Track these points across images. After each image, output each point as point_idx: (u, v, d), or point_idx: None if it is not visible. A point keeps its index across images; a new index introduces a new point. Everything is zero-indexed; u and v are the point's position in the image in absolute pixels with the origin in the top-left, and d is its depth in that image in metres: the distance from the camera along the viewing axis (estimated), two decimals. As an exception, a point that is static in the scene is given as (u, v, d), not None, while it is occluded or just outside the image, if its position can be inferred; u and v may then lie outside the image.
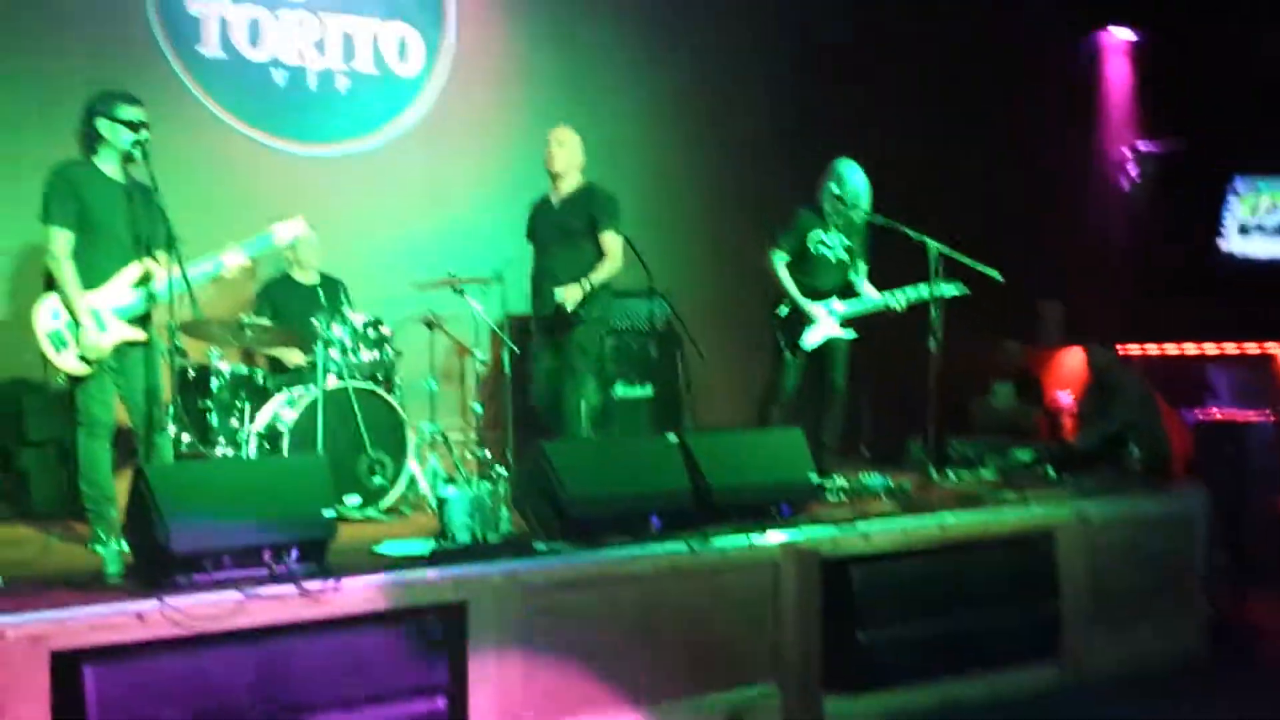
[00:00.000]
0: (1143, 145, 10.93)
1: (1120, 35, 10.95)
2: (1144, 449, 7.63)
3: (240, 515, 4.37)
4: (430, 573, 4.62)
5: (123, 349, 5.35)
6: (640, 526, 5.14)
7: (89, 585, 4.33)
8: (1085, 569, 6.13)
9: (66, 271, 5.20)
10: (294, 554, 4.44)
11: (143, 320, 5.38)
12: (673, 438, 5.42)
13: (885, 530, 5.63)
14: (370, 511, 6.23)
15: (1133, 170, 11.01)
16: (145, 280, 5.35)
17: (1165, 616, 6.42)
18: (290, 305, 6.93)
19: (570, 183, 6.77)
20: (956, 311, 6.88)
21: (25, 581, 4.45)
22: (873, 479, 6.71)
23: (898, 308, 7.02)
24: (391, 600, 4.50)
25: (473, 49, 8.26)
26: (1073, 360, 10.60)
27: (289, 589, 4.29)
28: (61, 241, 5.21)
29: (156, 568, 4.29)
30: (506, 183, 7.83)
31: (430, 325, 6.95)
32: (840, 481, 6.54)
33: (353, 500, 6.18)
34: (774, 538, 5.30)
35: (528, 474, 5.25)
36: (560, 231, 6.70)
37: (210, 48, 7.43)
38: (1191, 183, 10.61)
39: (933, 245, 6.65)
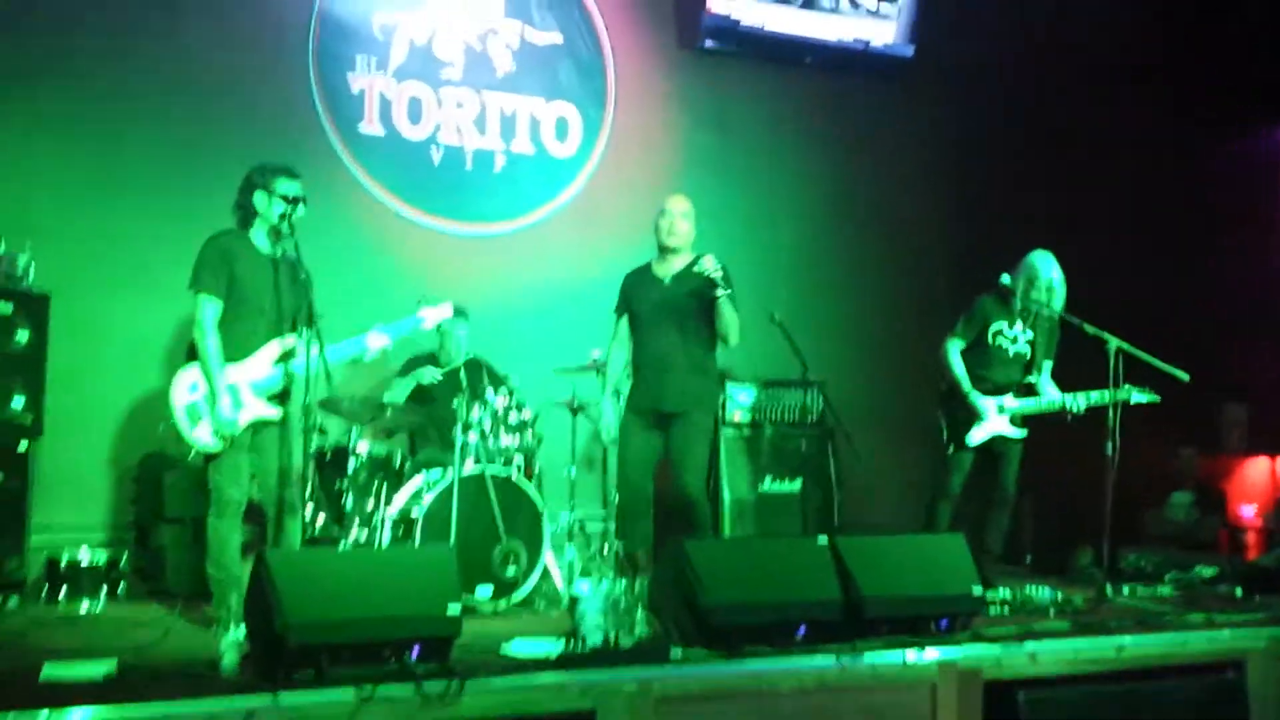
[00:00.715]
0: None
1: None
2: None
3: (362, 608, 4.14)
4: (558, 677, 4.32)
5: (258, 426, 5.22)
6: (785, 636, 4.78)
7: (202, 676, 4.14)
8: None
9: (210, 343, 5.10)
10: (415, 651, 4.19)
11: (280, 398, 5.25)
12: (823, 540, 5.04)
13: (1055, 651, 5.15)
14: (502, 604, 5.97)
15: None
16: (286, 357, 5.23)
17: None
18: (433, 386, 6.79)
19: (686, 258, 6.12)
20: (1131, 415, 6.43)
21: (140, 669, 4.28)
22: (1040, 591, 6.24)
23: (1076, 410, 6.58)
24: (516, 706, 4.22)
25: (630, 128, 8.11)
26: (1258, 471, 9.95)
27: (408, 690, 4.04)
28: (209, 311, 5.13)
29: (273, 660, 4.07)
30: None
31: (573, 410, 6.71)
32: (1004, 593, 6.08)
33: (485, 591, 5.93)
34: (931, 655, 4.87)
35: (666, 573, 4.93)
36: (672, 310, 6.03)
37: (370, 125, 7.40)
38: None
39: (1113, 341, 6.20)
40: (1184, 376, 6.23)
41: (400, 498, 6.19)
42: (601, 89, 8.02)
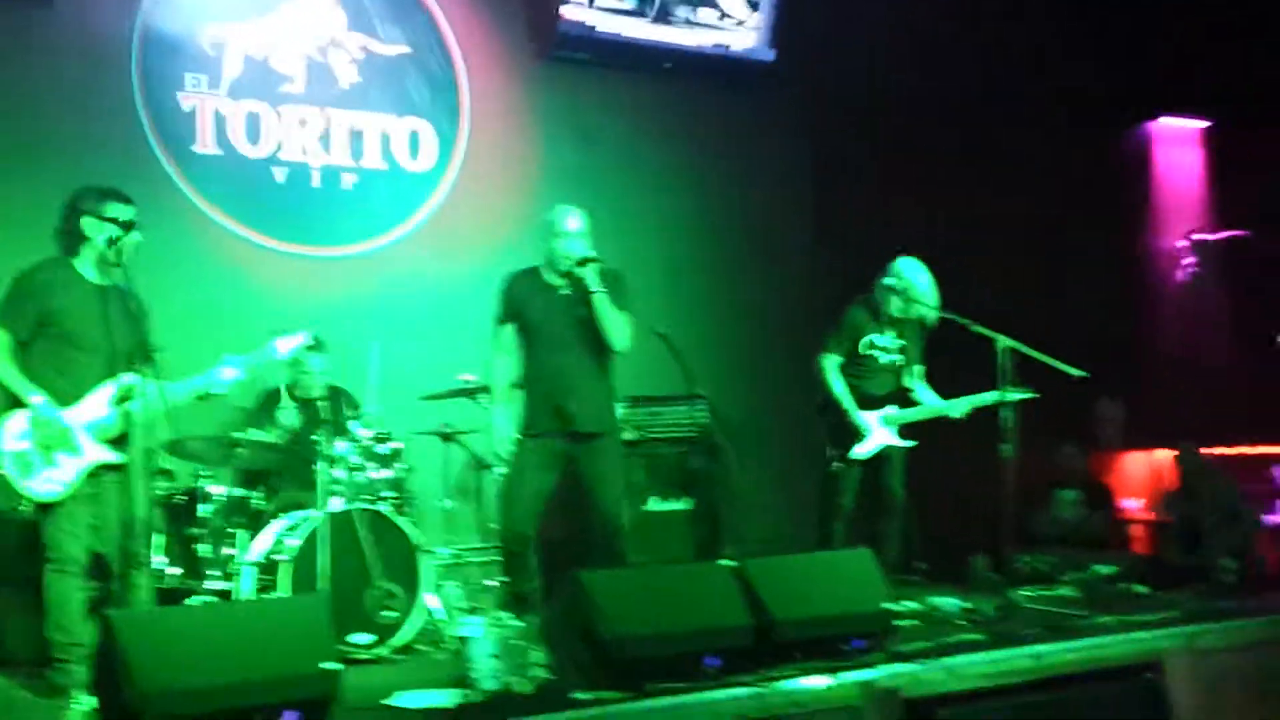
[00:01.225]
0: (1201, 236, 10.35)
1: (1177, 125, 10.43)
2: (1239, 561, 6.94)
3: (225, 672, 3.66)
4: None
5: (97, 473, 4.68)
6: (695, 669, 4.39)
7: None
8: (1200, 704, 5.35)
9: (4, 367, 4.61)
10: (290, 718, 3.72)
11: (119, 441, 4.72)
12: (727, 563, 4.70)
13: (973, 664, 4.87)
14: (382, 650, 5.48)
15: (1189, 262, 10.42)
16: (125, 397, 4.70)
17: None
18: (291, 420, 6.28)
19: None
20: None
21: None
22: (946, 601, 5.97)
23: (958, 416, 6.41)
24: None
25: (487, 142, 7.69)
26: (1137, 465, 9.94)
27: (282, 760, 3.59)
28: (3, 344, 4.64)
29: (125, 735, 3.58)
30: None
31: (445, 437, 6.26)
32: (911, 605, 5.79)
33: (362, 638, 5.44)
34: (849, 677, 4.55)
35: (561, 608, 4.53)
36: (574, 321, 5.46)
37: (205, 145, 6.85)
38: (1254, 273, 10.09)
39: (1002, 341, 5.99)
40: (1077, 373, 6.05)
41: (261, 543, 5.68)
42: (454, 102, 7.60)
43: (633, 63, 8.02)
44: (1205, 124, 10.58)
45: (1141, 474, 9.89)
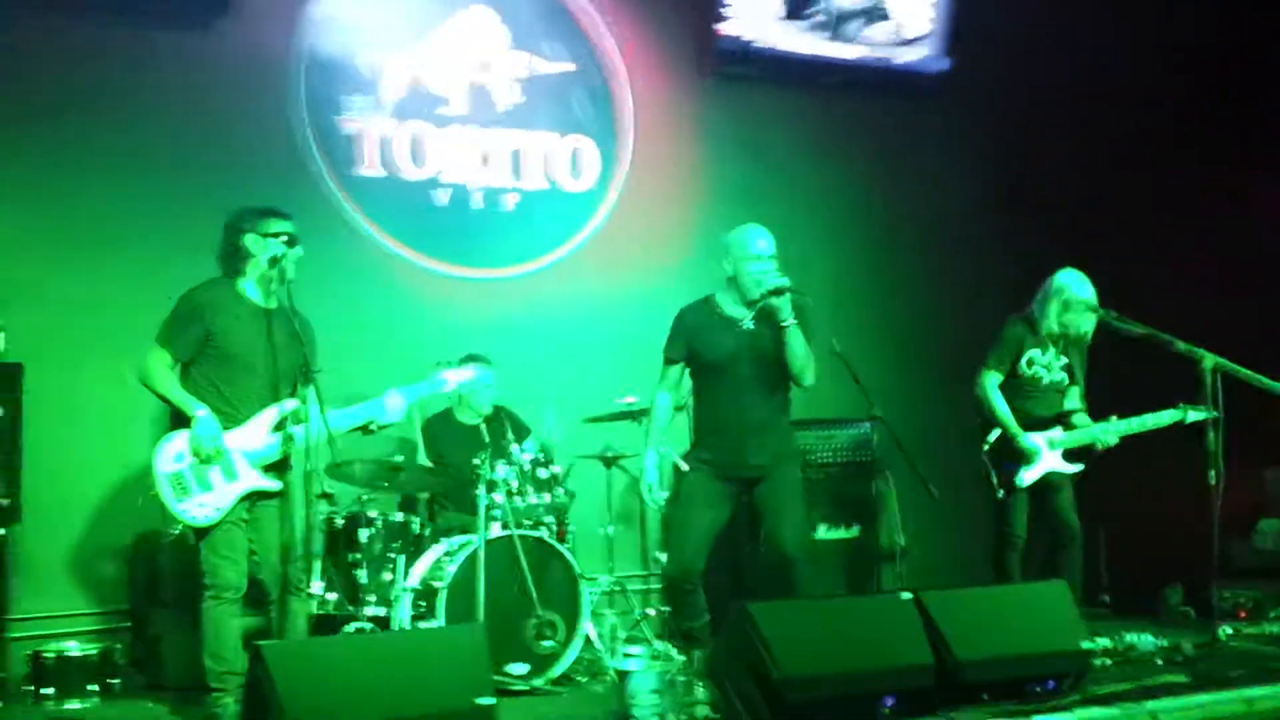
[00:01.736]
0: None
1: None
2: None
3: (378, 707, 3.46)
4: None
5: (255, 499, 4.58)
6: (871, 711, 4.08)
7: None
8: None
9: (167, 382, 4.56)
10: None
11: (279, 466, 4.60)
12: (907, 595, 4.35)
13: (1179, 710, 4.44)
14: (538, 681, 5.26)
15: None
16: (285, 423, 4.58)
17: None
18: (453, 446, 6.12)
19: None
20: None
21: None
22: (1141, 638, 5.52)
23: (1108, 443, 5.97)
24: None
25: (650, 159, 7.46)
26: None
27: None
28: (155, 361, 4.59)
29: (276, 769, 3.41)
30: (685, 301, 6.91)
31: (607, 462, 6.03)
32: (1104, 642, 5.35)
33: (519, 669, 5.23)
34: (1042, 722, 4.18)
35: (729, 642, 4.24)
36: (756, 359, 5.07)
37: (368, 168, 6.77)
38: None
39: (1209, 359, 5.54)
40: (1283, 390, 5.57)
41: (420, 568, 5.52)
42: (617, 118, 7.40)
43: (799, 77, 7.71)
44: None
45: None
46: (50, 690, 5.38)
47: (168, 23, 6.33)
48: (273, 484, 4.59)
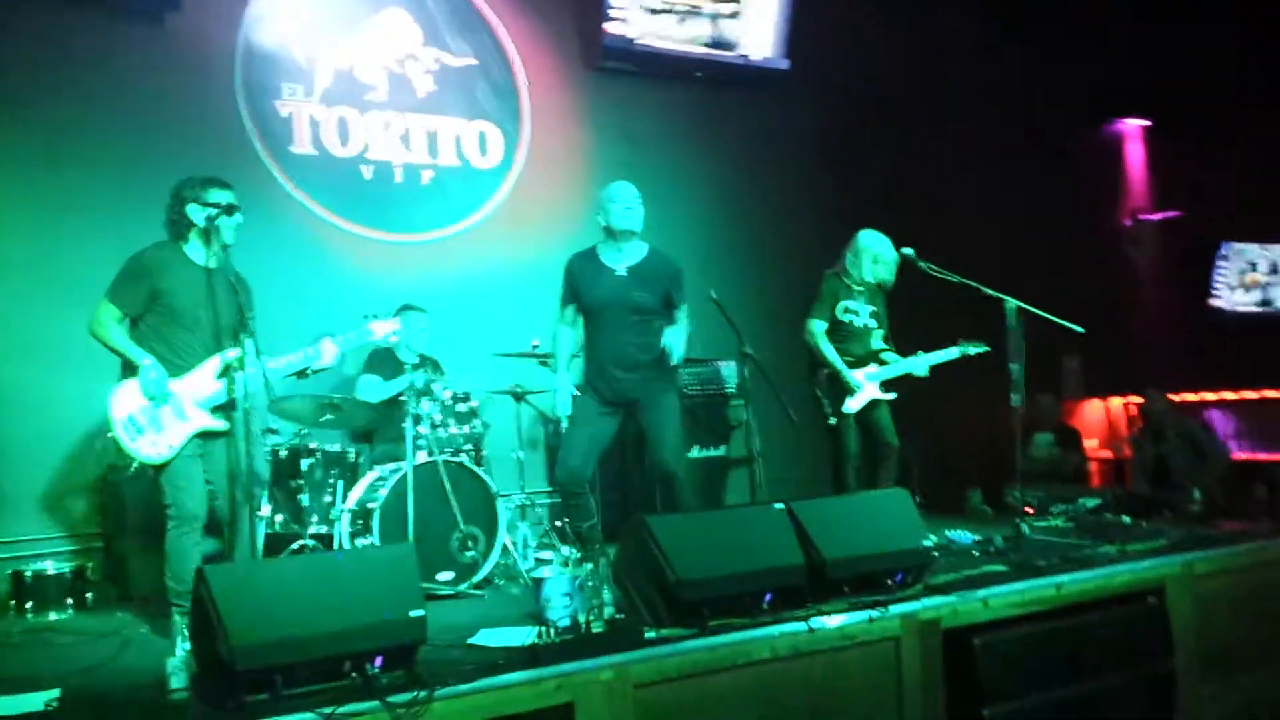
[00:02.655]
0: (1146, 216, 9.61)
1: (1128, 124, 9.74)
2: (1204, 493, 6.21)
3: (316, 622, 2.97)
4: (531, 674, 3.19)
5: (206, 437, 4.02)
6: (754, 607, 3.71)
7: (148, 704, 2.96)
8: (1195, 623, 4.64)
9: (114, 334, 3.99)
10: (379, 662, 3.03)
11: (225, 407, 4.04)
12: (780, 506, 3.98)
13: (1003, 595, 4.16)
14: (463, 586, 4.80)
15: (1134, 239, 9.69)
16: (229, 370, 4.01)
17: (1276, 665, 4.89)
18: (392, 376, 5.58)
19: (639, 249, 4.77)
20: (983, 368, 5.64)
21: (84, 697, 3.13)
22: (960, 534, 5.26)
23: (921, 374, 5.71)
24: (489, 709, 3.10)
25: (545, 143, 6.94)
26: (1093, 411, 9.22)
27: (374, 705, 2.90)
28: (105, 315, 4.01)
29: (223, 685, 2.90)
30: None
31: (517, 397, 5.57)
32: (930, 539, 5.07)
33: (446, 576, 4.77)
34: (894, 611, 3.86)
35: (630, 551, 3.82)
36: (631, 307, 4.65)
37: (301, 146, 6.13)
38: (1186, 248, 9.40)
39: (1011, 302, 5.25)
40: (1078, 329, 5.33)
41: (356, 492, 5.01)
42: (516, 107, 6.85)
43: (669, 73, 7.25)
44: (1146, 123, 9.83)
45: (1098, 419, 9.23)
46: (30, 604, 4.86)
47: (124, 15, 5.67)
48: (219, 423, 4.02)
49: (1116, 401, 9.17)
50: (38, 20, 5.45)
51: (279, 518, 5.01)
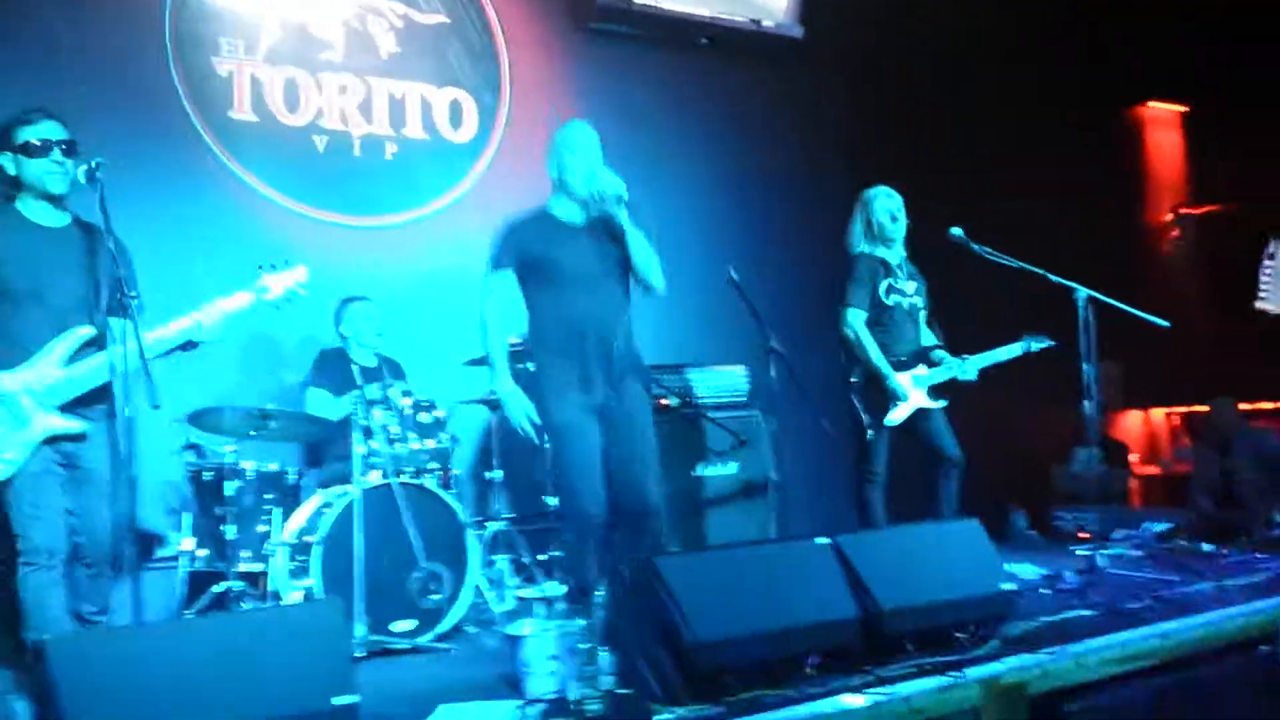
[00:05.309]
0: (1186, 210, 8.89)
1: (1162, 108, 8.98)
2: (1285, 513, 5.44)
3: (194, 715, 2.13)
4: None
5: (59, 445, 3.16)
6: (794, 672, 2.89)
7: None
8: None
9: None
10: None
11: (87, 404, 3.18)
12: (824, 541, 3.17)
13: (1101, 650, 3.36)
14: (425, 639, 3.96)
15: (1174, 234, 8.95)
16: (90, 350, 3.17)
17: None
18: (346, 388, 4.70)
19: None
20: (1015, 375, 4.97)
21: None
22: (1024, 568, 4.47)
23: (969, 378, 4.86)
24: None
25: (529, 114, 6.09)
26: (1134, 423, 8.46)
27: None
28: None
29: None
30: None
31: (492, 406, 4.73)
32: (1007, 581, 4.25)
33: (404, 626, 3.93)
34: (971, 674, 3.05)
35: (632, 602, 3.00)
36: (599, 260, 3.83)
37: (241, 111, 5.29)
38: (1231, 244, 8.66)
39: (1082, 291, 4.48)
40: (1164, 324, 4.56)
41: (296, 521, 4.16)
42: (495, 74, 6.03)
43: (670, 36, 6.44)
44: (1185, 108, 9.12)
45: (1138, 431, 8.48)
46: None
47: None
48: (72, 424, 3.17)
49: (1158, 412, 8.44)
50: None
51: (202, 552, 4.16)
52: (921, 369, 4.83)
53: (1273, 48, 8.02)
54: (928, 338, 4.99)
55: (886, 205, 4.87)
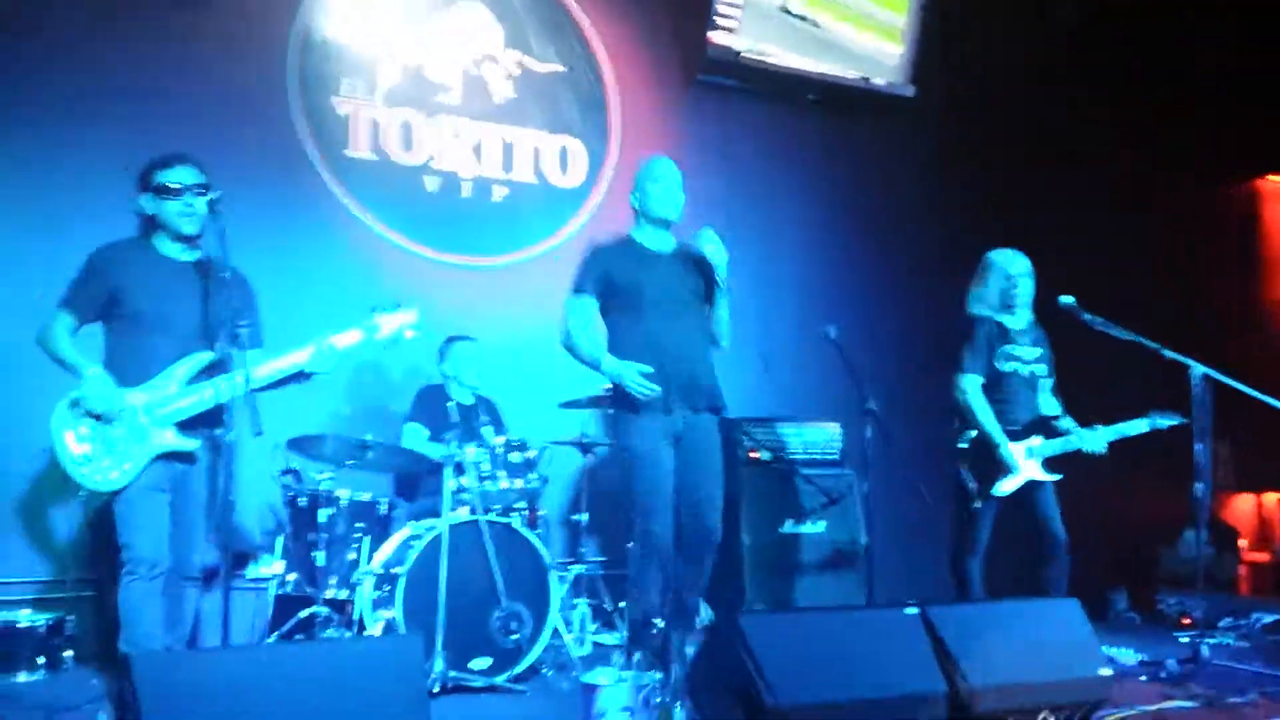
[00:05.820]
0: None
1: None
2: None
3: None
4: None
5: (170, 462, 3.25)
6: (876, 744, 2.80)
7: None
8: None
9: (59, 344, 3.28)
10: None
11: (205, 425, 3.28)
12: (914, 610, 3.07)
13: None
14: (502, 678, 3.95)
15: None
16: (206, 375, 3.27)
17: None
18: (439, 421, 4.75)
19: (673, 235, 4.03)
20: (1125, 452, 4.69)
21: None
22: (1123, 652, 4.27)
23: (1098, 450, 4.61)
24: None
25: (633, 162, 6.11)
26: (1245, 507, 8.08)
27: None
28: (57, 322, 3.32)
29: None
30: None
31: (584, 449, 4.73)
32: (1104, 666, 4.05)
33: (481, 664, 3.92)
34: (1061, 762, 2.91)
35: (713, 659, 2.95)
36: (682, 289, 3.90)
37: (358, 150, 5.45)
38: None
39: (1197, 368, 4.30)
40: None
41: (383, 552, 4.21)
42: (604, 122, 6.11)
43: (777, 90, 6.46)
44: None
45: (1249, 516, 8.10)
46: (-4, 662, 4.08)
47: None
48: (188, 442, 3.26)
49: (1271, 496, 8.06)
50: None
51: (292, 576, 4.23)
52: (1036, 440, 4.63)
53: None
54: (1049, 406, 4.77)
55: (1011, 269, 4.73)
